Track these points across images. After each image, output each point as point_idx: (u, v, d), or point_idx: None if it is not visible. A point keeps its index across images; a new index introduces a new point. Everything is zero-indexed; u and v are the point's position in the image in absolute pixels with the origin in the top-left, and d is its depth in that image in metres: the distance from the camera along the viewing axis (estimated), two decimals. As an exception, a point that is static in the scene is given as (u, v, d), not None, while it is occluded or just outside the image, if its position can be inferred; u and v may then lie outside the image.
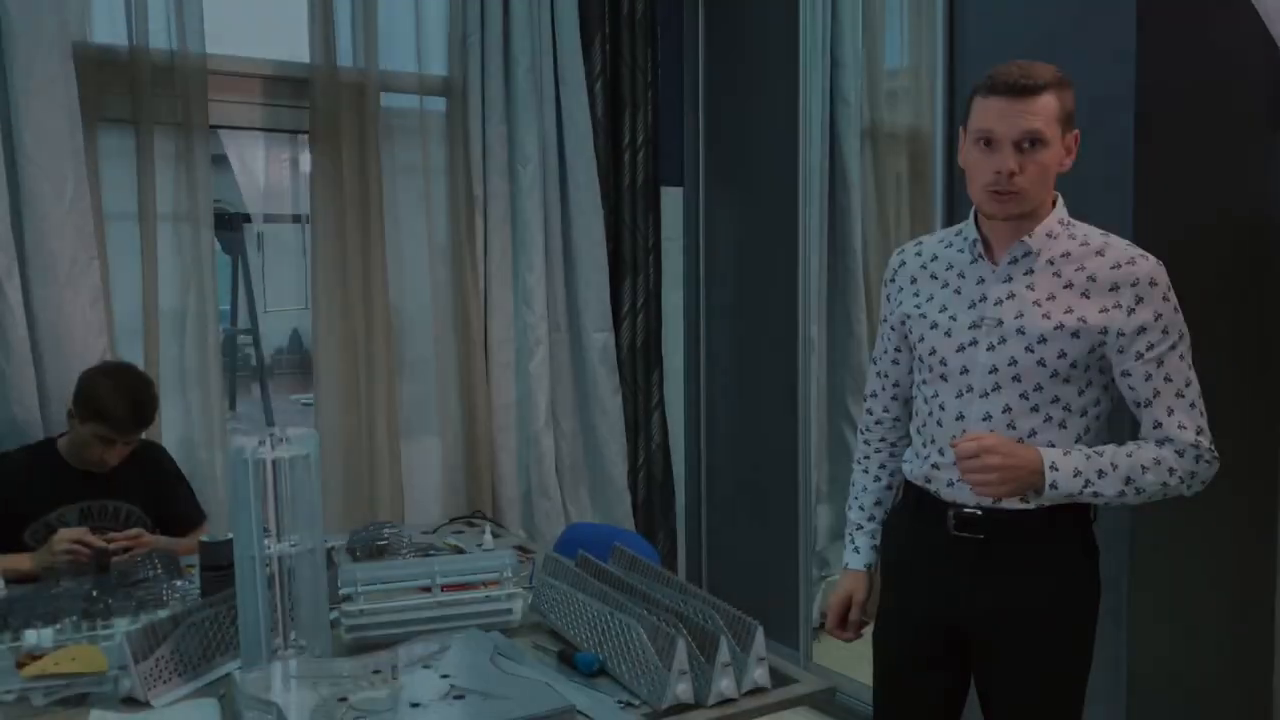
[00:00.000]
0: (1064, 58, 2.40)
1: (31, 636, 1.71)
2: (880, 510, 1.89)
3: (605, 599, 1.71)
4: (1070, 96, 1.59)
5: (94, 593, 2.01)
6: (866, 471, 1.91)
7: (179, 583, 2.12)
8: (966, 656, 1.74)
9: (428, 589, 1.85)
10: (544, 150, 3.27)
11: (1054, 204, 1.65)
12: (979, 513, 1.65)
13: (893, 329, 1.82)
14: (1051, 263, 1.63)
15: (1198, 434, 1.59)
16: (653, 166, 3.50)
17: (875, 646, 1.85)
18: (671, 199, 3.63)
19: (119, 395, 2.28)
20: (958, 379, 1.67)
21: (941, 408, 1.69)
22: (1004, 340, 1.62)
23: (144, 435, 2.69)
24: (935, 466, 1.69)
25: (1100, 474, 1.55)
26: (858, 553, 1.88)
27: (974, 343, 1.65)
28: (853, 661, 2.63)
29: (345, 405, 3.06)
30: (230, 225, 7.45)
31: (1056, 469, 1.54)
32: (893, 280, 1.83)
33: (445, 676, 1.55)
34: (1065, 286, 1.61)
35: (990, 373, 1.63)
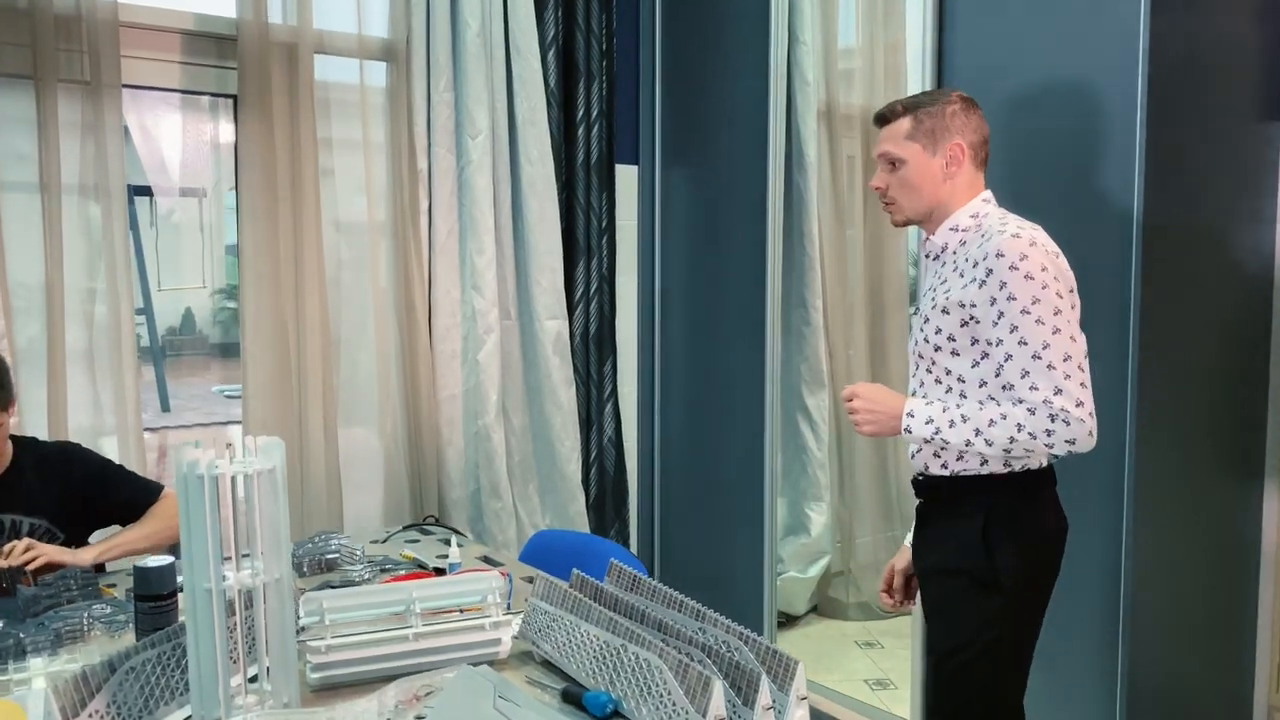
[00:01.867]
0: (1062, 36, 2.31)
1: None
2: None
3: (613, 628, 1.51)
4: (933, 114, 1.80)
5: (0, 623, 1.72)
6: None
7: (98, 606, 1.84)
8: None
9: (399, 616, 1.63)
10: (494, 122, 3.03)
11: (974, 199, 1.82)
12: (920, 478, 1.87)
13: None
14: (954, 253, 1.82)
15: (1055, 394, 1.66)
16: (607, 143, 3.29)
17: None
18: (626, 178, 3.42)
19: None
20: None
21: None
22: (918, 324, 1.85)
23: (40, 436, 2.39)
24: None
25: (950, 424, 1.72)
26: (911, 531, 1.99)
27: (914, 326, 1.88)
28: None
29: (276, 397, 2.77)
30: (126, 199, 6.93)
31: (913, 415, 1.75)
32: None
33: (440, 727, 1.34)
34: (954, 271, 1.79)
35: (911, 352, 1.87)
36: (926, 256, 1.88)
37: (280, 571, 1.41)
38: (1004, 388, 1.70)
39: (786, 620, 3.52)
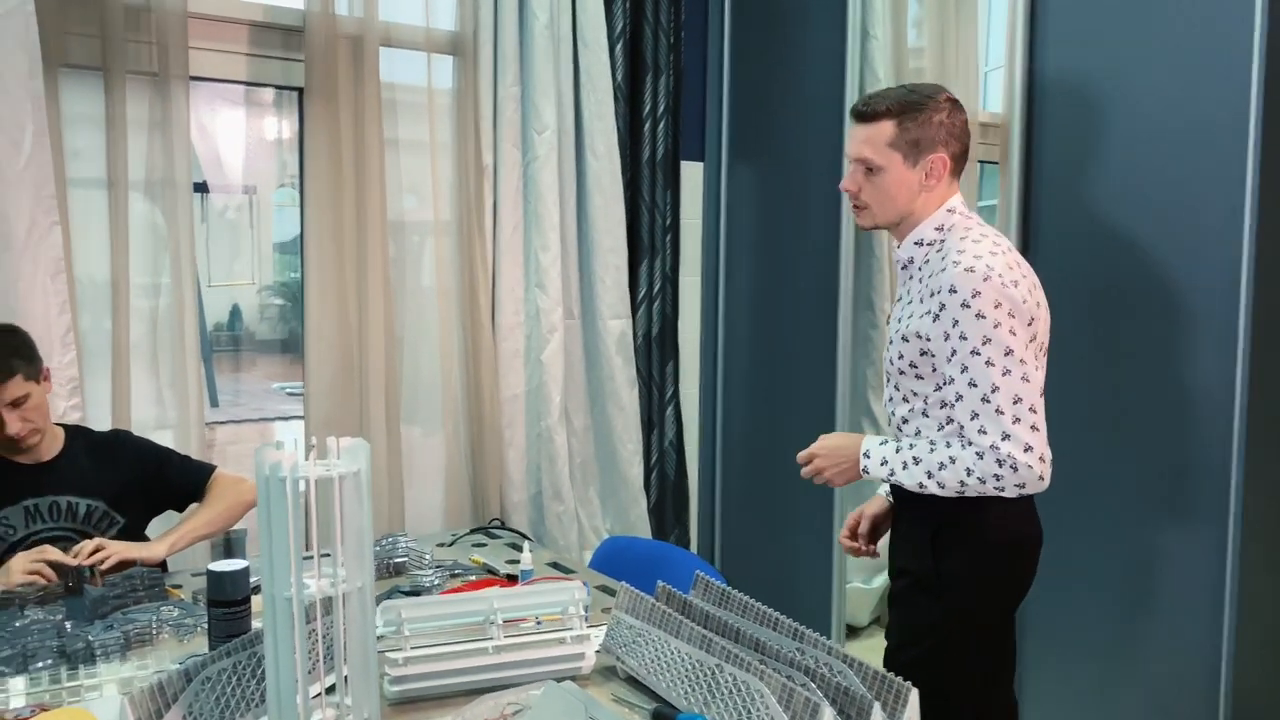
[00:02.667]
0: (1159, 37, 2.20)
1: (-1, 690, 1.39)
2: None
3: (706, 646, 1.43)
4: (919, 123, 1.69)
5: (68, 625, 1.68)
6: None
7: (165, 609, 1.80)
8: None
9: (478, 626, 1.57)
10: (560, 117, 2.96)
11: (939, 209, 1.74)
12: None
13: None
14: (920, 269, 1.76)
15: (1003, 439, 1.62)
16: (673, 139, 3.21)
17: None
18: (691, 175, 3.34)
19: None
20: None
21: None
22: (890, 340, 1.80)
23: (102, 428, 2.36)
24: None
25: (904, 465, 1.71)
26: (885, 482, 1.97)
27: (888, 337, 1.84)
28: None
29: (338, 395, 2.72)
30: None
31: (868, 456, 1.76)
32: None
33: (528, 747, 1.27)
34: (918, 292, 1.73)
35: (885, 368, 1.83)
36: (897, 263, 1.83)
37: (363, 580, 1.34)
38: (956, 428, 1.67)
39: (850, 632, 3.42)
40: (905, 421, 1.79)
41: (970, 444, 1.64)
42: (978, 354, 1.63)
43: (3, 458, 2.03)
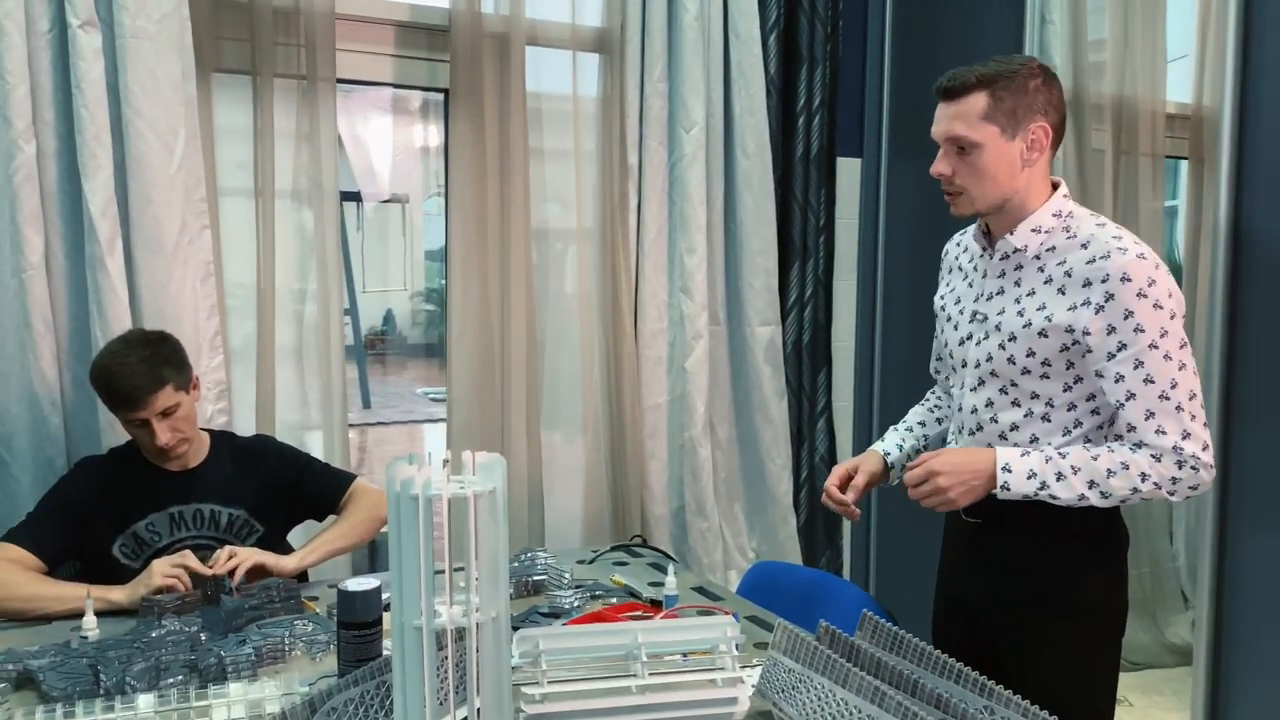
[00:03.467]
0: None
1: (127, 706, 1.33)
2: (921, 428, 1.93)
3: (879, 700, 1.25)
4: (1014, 90, 1.55)
5: (202, 637, 1.63)
6: (925, 401, 1.99)
7: (300, 623, 1.74)
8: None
9: (620, 660, 1.43)
10: (709, 113, 2.82)
11: (1056, 191, 1.61)
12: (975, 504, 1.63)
13: (936, 316, 1.85)
14: (1038, 258, 1.61)
15: (1183, 438, 1.51)
16: (829, 134, 3.02)
17: (933, 624, 1.89)
18: (848, 172, 3.14)
19: (112, 362, 1.93)
20: (961, 371, 1.72)
21: (952, 398, 1.77)
22: (987, 335, 1.65)
23: (248, 431, 2.34)
24: None
25: (1059, 476, 1.54)
26: (883, 441, 1.90)
27: (970, 336, 1.70)
28: None
29: (479, 401, 2.65)
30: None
31: (1009, 470, 1.55)
32: (942, 265, 1.89)
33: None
34: (1046, 282, 1.59)
35: (976, 367, 1.67)
36: (988, 256, 1.67)
37: (498, 609, 1.22)
38: (1127, 428, 1.53)
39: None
40: (1014, 429, 1.63)
41: (1143, 446, 1.52)
42: (1155, 347, 1.50)
43: (151, 464, 2.02)
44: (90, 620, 1.67)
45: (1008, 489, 1.55)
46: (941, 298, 1.82)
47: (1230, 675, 2.29)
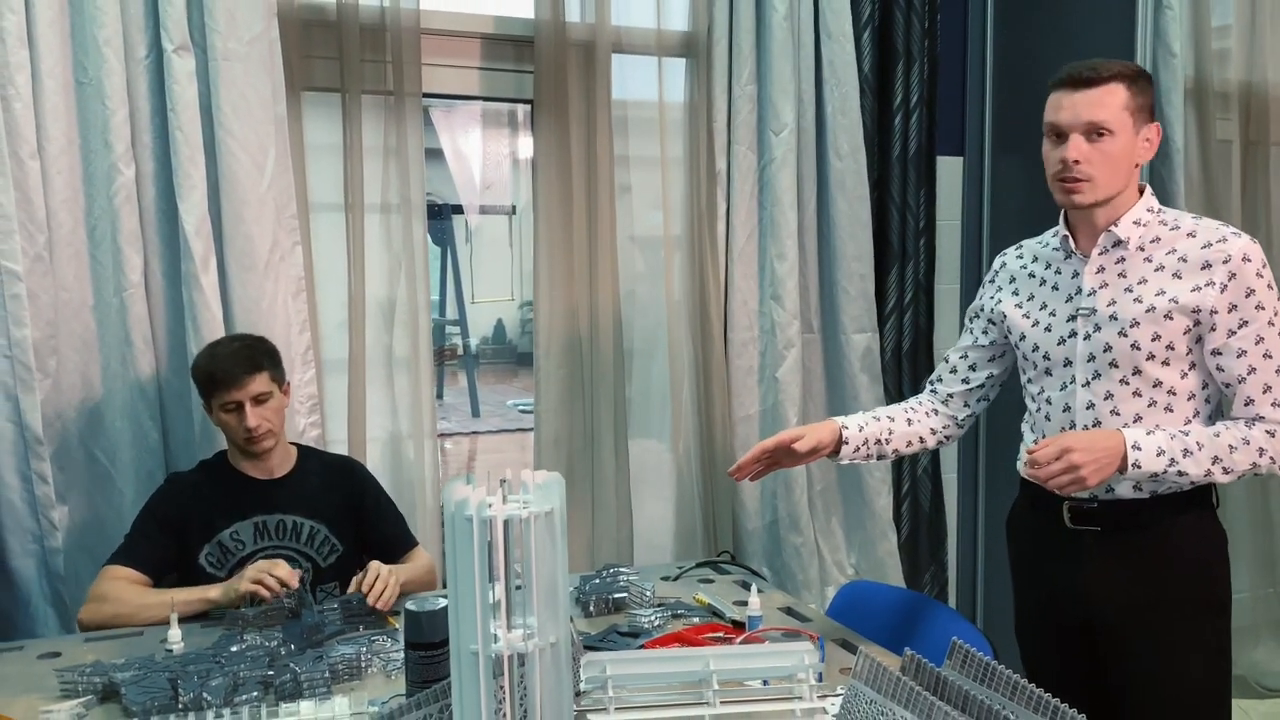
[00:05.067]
0: None
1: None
2: (889, 421, 1.88)
3: (965, 738, 1.16)
4: (1144, 89, 1.63)
5: (281, 651, 1.64)
6: (903, 403, 1.97)
7: (378, 639, 1.73)
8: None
9: (693, 685, 1.37)
10: (800, 115, 2.73)
11: (1142, 193, 1.68)
12: (1095, 504, 1.67)
13: (991, 323, 1.87)
14: (1142, 249, 1.66)
15: None
16: (928, 132, 2.89)
17: (1020, 646, 1.88)
18: (949, 171, 3.01)
19: (214, 350, 2.04)
20: (1061, 371, 1.72)
21: (1049, 401, 1.75)
22: (1099, 328, 1.67)
23: (341, 439, 2.37)
24: None
25: (1186, 453, 1.57)
26: (846, 417, 1.87)
27: (1073, 334, 1.70)
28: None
29: (566, 412, 2.63)
30: (440, 215, 7.39)
31: (1139, 449, 1.57)
32: (992, 281, 1.91)
33: None
34: (1157, 270, 1.63)
35: (1089, 360, 1.68)
36: (1077, 257, 1.71)
37: (556, 634, 1.18)
38: (1245, 402, 1.60)
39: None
40: (1138, 419, 1.65)
41: (1260, 420, 1.59)
42: (1273, 324, 1.59)
43: (239, 474, 2.06)
44: (175, 633, 1.70)
45: (1139, 466, 1.57)
46: (1019, 307, 1.80)
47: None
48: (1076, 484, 1.55)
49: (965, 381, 1.92)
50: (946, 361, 1.96)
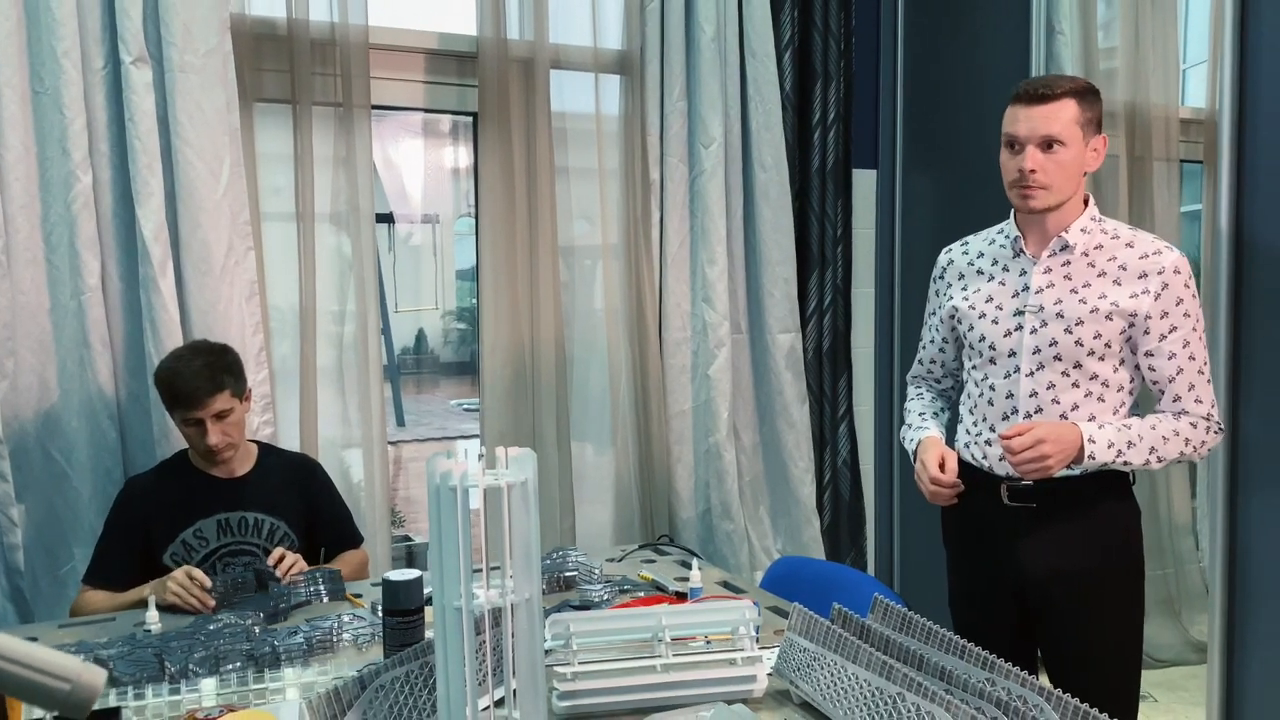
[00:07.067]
0: None
1: (191, 689, 1.45)
2: (944, 415, 2.09)
3: (887, 673, 1.34)
4: (1093, 103, 1.78)
5: (257, 629, 1.75)
6: (921, 396, 2.14)
7: (347, 617, 1.85)
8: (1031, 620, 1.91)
9: (646, 643, 1.53)
10: (727, 129, 2.92)
11: (1086, 203, 1.83)
12: (1030, 484, 1.82)
13: (941, 321, 2.03)
14: (1087, 254, 1.82)
15: (1211, 407, 1.80)
16: (844, 147, 3.11)
17: (953, 614, 2.06)
18: (864, 183, 3.23)
19: (177, 365, 2.07)
20: (1006, 361, 1.87)
21: (992, 388, 1.90)
22: (1045, 324, 1.82)
23: (293, 447, 2.46)
24: (988, 443, 1.89)
25: (1130, 445, 1.76)
26: (926, 430, 2.01)
27: (1019, 327, 1.85)
28: None
29: (511, 412, 2.76)
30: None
31: (1094, 442, 1.74)
32: (941, 277, 2.05)
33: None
34: (1099, 275, 1.80)
35: (1034, 353, 1.83)
36: (1026, 256, 1.85)
37: (530, 591, 1.33)
38: (1173, 399, 1.79)
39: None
40: (1075, 408, 1.82)
41: (1185, 414, 1.79)
42: (1195, 330, 1.78)
43: (201, 473, 2.14)
44: (153, 614, 1.80)
45: (1093, 458, 1.74)
46: (966, 299, 1.94)
47: (1243, 669, 2.33)
48: (1042, 471, 1.73)
49: (943, 365, 2.10)
50: (921, 363, 2.14)
